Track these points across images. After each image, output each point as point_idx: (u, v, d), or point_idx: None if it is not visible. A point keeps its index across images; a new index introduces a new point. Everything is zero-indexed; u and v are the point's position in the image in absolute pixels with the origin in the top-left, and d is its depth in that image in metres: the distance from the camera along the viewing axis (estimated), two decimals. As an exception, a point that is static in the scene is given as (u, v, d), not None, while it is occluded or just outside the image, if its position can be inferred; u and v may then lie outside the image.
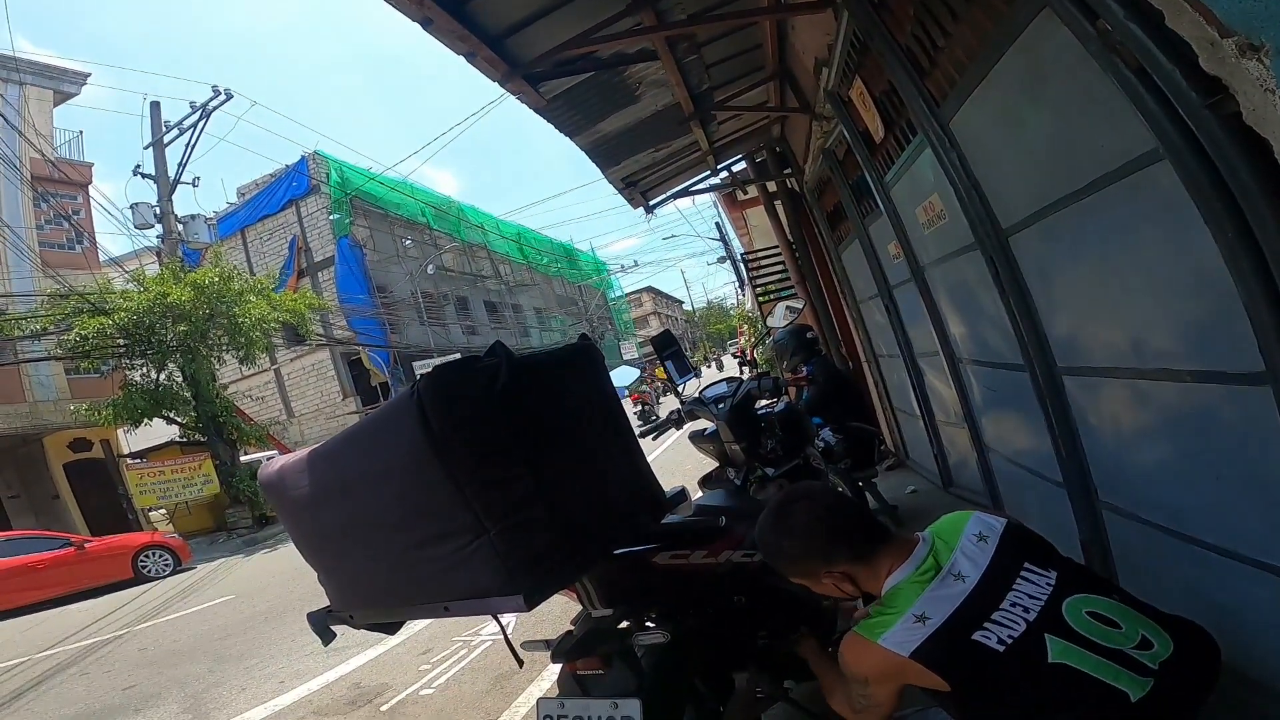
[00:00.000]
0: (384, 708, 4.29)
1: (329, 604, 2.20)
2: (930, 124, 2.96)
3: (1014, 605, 1.52)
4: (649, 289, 74.51)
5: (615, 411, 2.10)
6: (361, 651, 5.43)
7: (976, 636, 1.48)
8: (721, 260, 33.58)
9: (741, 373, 4.42)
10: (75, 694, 5.99)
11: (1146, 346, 2.18)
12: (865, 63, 3.68)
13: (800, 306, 4.29)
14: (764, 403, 3.92)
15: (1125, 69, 1.58)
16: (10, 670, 7.38)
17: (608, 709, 1.95)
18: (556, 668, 2.31)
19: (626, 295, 43.79)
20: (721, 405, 3.51)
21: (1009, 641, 1.46)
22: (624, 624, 2.22)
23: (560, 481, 1.79)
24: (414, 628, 5.62)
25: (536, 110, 4.47)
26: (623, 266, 56.11)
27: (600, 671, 2.11)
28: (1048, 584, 1.57)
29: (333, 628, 2.19)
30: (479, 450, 1.64)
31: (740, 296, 29.39)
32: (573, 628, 2.24)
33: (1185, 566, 2.31)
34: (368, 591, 2.03)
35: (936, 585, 1.55)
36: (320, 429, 24.69)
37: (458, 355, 23.85)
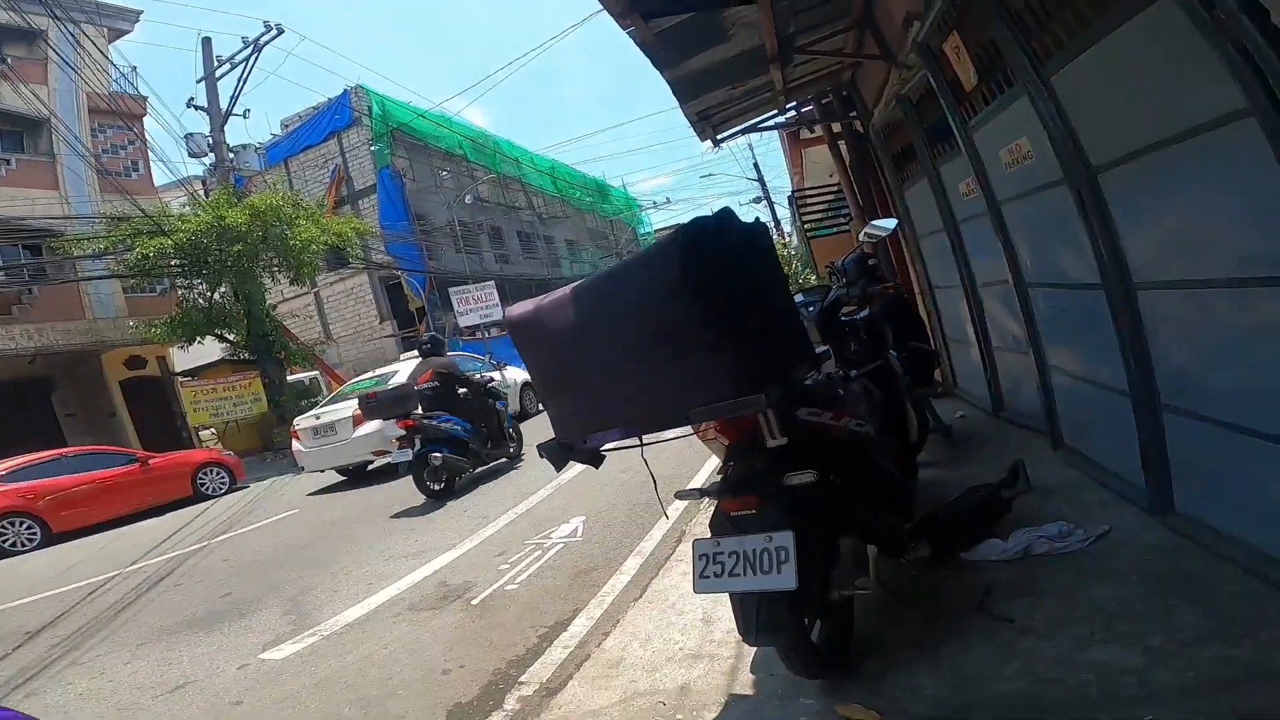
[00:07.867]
0: (474, 601, 4.51)
1: (555, 436, 2.62)
2: (1031, 79, 3.26)
3: None
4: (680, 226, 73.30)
5: (782, 280, 2.69)
6: (438, 555, 5.74)
7: None
8: (757, 200, 33.32)
9: (831, 282, 4.78)
10: (176, 603, 6.07)
11: (1223, 262, 2.46)
12: (964, 18, 3.95)
13: (890, 226, 4.49)
14: (847, 308, 4.36)
15: (1232, 49, 1.99)
16: (104, 584, 7.28)
17: (762, 542, 2.20)
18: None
19: (656, 231, 43.55)
20: (812, 309, 3.87)
21: None
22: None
23: (765, 320, 2.36)
24: (485, 532, 6.13)
25: (641, 43, 4.70)
26: (654, 203, 55.50)
27: (753, 512, 2.33)
28: None
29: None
30: (719, 286, 2.18)
31: (778, 236, 29.19)
32: (719, 477, 2.57)
33: (1246, 462, 2.53)
34: (611, 414, 2.44)
35: None
36: (358, 351, 25.54)
37: (490, 283, 24.35)
